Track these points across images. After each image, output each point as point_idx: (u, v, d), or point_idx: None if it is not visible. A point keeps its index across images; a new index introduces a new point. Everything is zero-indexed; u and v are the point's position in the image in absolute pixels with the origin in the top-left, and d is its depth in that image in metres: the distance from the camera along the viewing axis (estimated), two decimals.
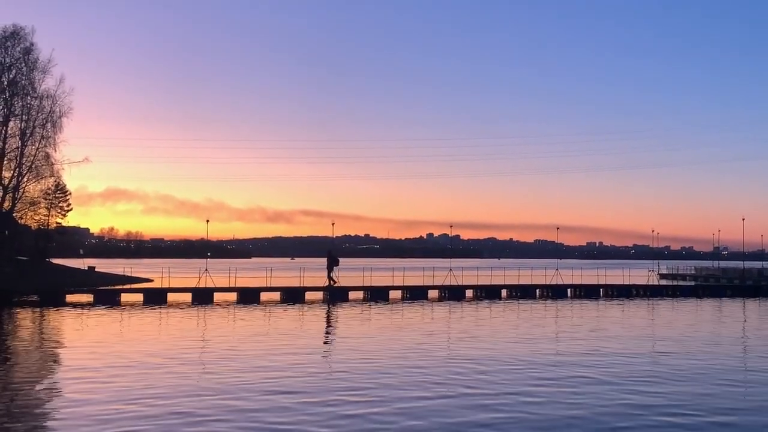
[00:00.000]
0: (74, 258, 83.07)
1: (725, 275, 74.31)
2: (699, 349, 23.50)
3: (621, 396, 15.29)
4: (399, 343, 24.18)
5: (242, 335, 26.42)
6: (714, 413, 13.84)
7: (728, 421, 13.26)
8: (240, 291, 46.24)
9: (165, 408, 13.69)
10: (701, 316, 37.23)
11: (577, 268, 69.49)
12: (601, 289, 54.69)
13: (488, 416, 13.33)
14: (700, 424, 12.99)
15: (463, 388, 15.91)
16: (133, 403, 14.14)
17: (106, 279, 62.25)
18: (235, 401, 14.38)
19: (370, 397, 14.94)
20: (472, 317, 35.15)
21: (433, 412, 13.62)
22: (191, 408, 13.72)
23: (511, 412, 13.61)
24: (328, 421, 12.85)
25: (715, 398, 15.31)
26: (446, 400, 14.68)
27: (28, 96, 58.68)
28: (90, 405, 13.96)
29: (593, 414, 13.56)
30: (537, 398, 14.93)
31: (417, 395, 15.07)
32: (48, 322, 31.70)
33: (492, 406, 14.13)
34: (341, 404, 14.15)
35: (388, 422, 12.82)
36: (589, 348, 23.24)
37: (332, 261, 48.77)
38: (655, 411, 13.86)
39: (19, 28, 58.15)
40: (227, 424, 12.63)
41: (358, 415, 13.27)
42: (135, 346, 23.16)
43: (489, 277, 56.70)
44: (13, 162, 57.99)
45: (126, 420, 12.79)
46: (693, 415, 13.68)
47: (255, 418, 13.06)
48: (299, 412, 13.46)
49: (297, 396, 14.90)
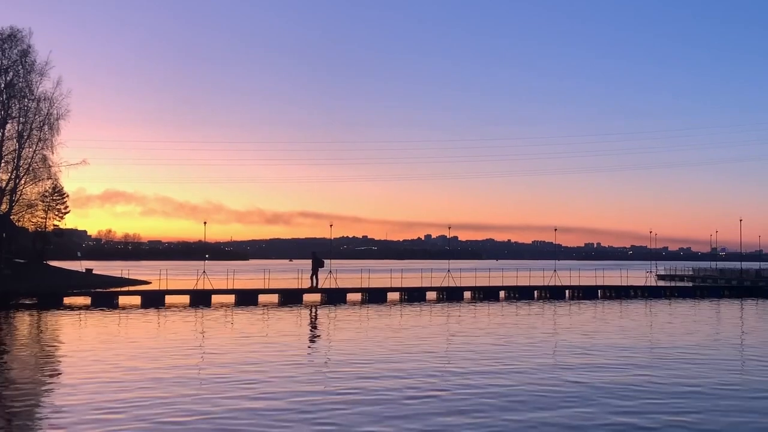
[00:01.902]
0: (72, 260, 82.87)
1: (723, 276, 74.37)
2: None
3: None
4: (384, 345, 24.17)
5: (239, 337, 26.38)
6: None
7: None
8: (238, 293, 46.17)
9: (157, 416, 13.67)
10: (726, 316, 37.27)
11: (575, 269, 69.49)
12: (599, 290, 54.71)
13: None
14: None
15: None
16: (122, 412, 14.09)
17: (104, 281, 62.22)
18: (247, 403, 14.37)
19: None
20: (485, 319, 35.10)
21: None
22: (187, 414, 13.71)
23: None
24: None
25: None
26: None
27: (26, 98, 58.73)
28: (83, 410, 13.93)
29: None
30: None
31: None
32: (46, 325, 31.61)
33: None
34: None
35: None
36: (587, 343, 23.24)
37: (317, 263, 48.48)
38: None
39: (17, 30, 58.26)
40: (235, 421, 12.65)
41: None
42: (132, 349, 23.11)
43: (487, 278, 56.68)
44: (10, 164, 58.01)
45: (119, 427, 12.77)
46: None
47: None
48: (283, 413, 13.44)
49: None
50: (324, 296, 46.66)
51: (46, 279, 55.75)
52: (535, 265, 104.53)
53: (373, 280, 53.20)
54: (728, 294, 56.73)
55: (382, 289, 49.65)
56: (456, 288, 51.49)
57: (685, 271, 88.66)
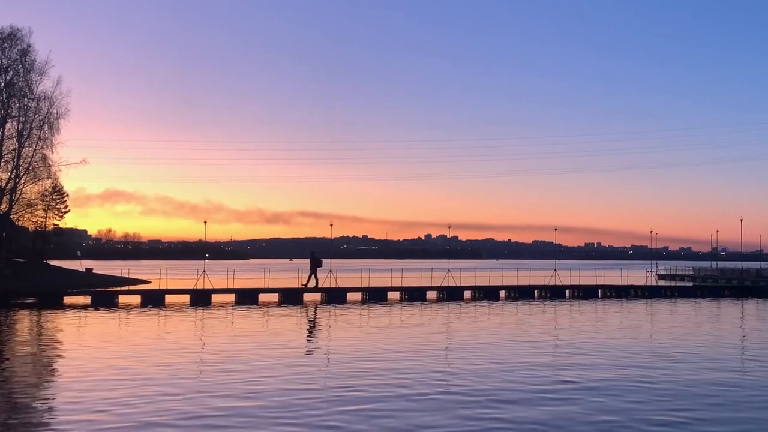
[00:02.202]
0: (72, 260, 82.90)
1: (723, 276, 74.31)
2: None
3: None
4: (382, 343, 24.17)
5: (238, 336, 26.37)
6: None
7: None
8: (238, 292, 46.14)
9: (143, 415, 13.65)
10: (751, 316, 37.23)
11: (575, 268, 69.49)
12: (599, 290, 54.67)
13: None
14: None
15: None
16: (108, 412, 14.07)
17: (104, 281, 62.22)
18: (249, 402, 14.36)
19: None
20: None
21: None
22: (186, 410, 13.69)
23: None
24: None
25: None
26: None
27: (25, 97, 58.73)
28: (86, 410, 13.92)
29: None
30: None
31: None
32: (46, 324, 31.59)
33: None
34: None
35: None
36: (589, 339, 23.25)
37: (315, 262, 48.17)
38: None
39: (16, 30, 58.22)
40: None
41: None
42: (131, 348, 23.10)
43: (487, 278, 56.66)
44: (10, 164, 58.03)
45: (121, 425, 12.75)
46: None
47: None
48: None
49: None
50: (324, 296, 46.63)
51: (46, 278, 55.75)
52: (535, 264, 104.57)
53: (374, 280, 53.18)
54: (729, 294, 56.68)
55: (383, 289, 49.63)
56: (456, 287, 51.45)
57: (686, 271, 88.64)
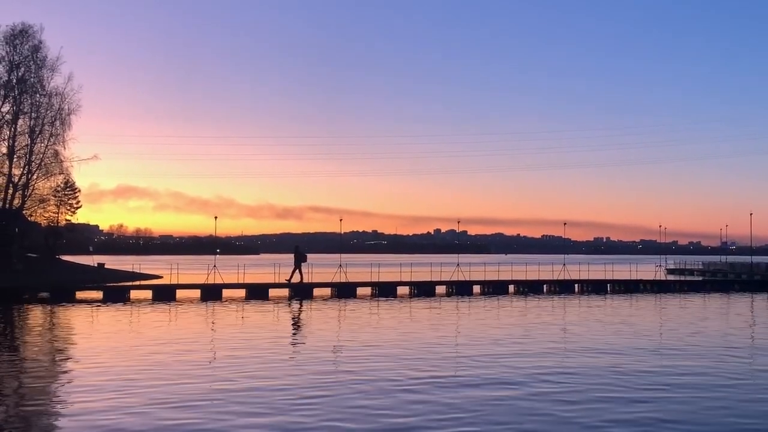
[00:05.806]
0: (84, 255, 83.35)
1: (733, 270, 74.13)
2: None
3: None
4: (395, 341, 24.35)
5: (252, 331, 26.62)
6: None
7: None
8: (249, 287, 46.43)
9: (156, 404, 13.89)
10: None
11: (584, 263, 69.56)
12: (608, 285, 54.62)
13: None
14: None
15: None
16: (137, 396, 14.33)
17: (116, 276, 62.59)
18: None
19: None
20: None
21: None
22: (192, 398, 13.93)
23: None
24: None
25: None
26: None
27: (37, 94, 59.13)
28: (102, 403, 14.17)
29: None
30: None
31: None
32: (58, 319, 31.95)
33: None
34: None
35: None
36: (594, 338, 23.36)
37: (300, 257, 47.96)
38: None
39: (28, 26, 58.60)
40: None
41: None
42: (145, 342, 23.38)
43: (496, 272, 56.74)
44: (22, 159, 58.45)
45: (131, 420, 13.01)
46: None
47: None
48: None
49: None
50: (334, 290, 46.87)
51: (58, 274, 56.16)
52: (544, 259, 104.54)
53: (383, 275, 53.33)
54: (738, 288, 56.59)
55: (392, 283, 49.76)
56: (465, 282, 51.52)
57: (695, 266, 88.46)
